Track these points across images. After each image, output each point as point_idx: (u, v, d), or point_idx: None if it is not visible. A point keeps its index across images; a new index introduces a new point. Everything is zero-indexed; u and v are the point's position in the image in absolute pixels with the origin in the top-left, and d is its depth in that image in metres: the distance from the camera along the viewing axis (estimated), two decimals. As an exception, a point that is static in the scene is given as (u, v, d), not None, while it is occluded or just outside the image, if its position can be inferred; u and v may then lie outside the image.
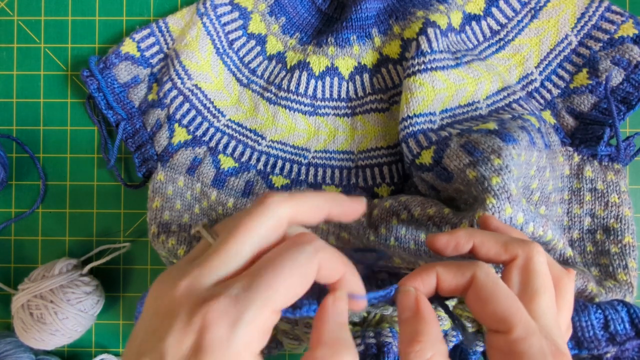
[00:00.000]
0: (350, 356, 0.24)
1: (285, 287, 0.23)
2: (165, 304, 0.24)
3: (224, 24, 0.52)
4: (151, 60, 0.52)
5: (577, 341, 0.36)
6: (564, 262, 0.42)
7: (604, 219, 0.48)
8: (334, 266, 0.26)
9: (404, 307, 0.27)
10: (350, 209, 0.29)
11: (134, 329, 0.25)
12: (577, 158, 0.49)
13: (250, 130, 0.52)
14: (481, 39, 0.52)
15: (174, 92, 0.51)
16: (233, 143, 0.52)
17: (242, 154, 0.51)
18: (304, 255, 0.24)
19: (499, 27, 0.52)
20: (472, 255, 0.30)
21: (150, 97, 0.52)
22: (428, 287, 0.28)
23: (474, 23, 0.52)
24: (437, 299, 0.29)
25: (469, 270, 0.27)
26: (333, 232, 0.43)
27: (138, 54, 0.51)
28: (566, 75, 0.50)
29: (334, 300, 0.26)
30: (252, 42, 0.53)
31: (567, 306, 0.30)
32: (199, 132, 0.51)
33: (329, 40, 0.51)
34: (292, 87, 0.52)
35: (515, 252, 0.28)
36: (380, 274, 0.35)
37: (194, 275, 0.24)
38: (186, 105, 0.51)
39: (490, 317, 0.26)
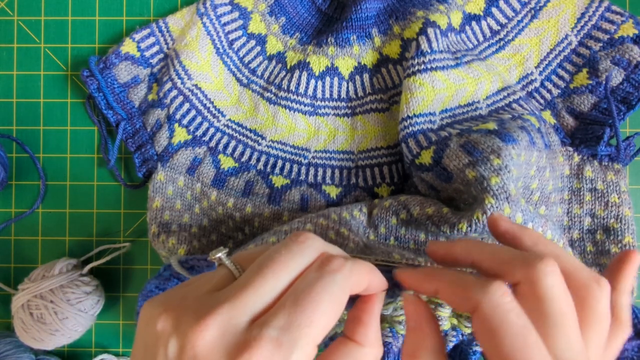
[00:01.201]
0: (381, 354, 0.25)
1: (324, 321, 0.22)
2: (192, 344, 0.21)
3: (224, 24, 0.52)
4: (151, 60, 0.52)
5: None
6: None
7: (604, 219, 0.48)
8: (362, 283, 0.25)
9: (408, 316, 0.27)
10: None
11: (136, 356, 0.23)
12: (577, 158, 0.49)
13: (250, 130, 0.52)
14: (481, 39, 0.52)
15: (174, 92, 0.51)
16: (233, 143, 0.52)
17: (242, 154, 0.51)
18: (337, 286, 0.23)
19: (499, 27, 0.52)
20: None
21: (150, 97, 0.52)
22: (425, 293, 0.27)
23: (474, 23, 0.52)
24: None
25: (474, 297, 0.23)
26: (332, 228, 0.43)
27: (138, 54, 0.51)
28: (566, 75, 0.50)
29: (377, 300, 0.26)
30: (252, 42, 0.53)
31: (598, 321, 0.24)
32: (199, 132, 0.51)
33: (329, 40, 0.51)
34: (292, 87, 0.52)
35: (517, 277, 0.24)
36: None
37: (225, 311, 0.22)
38: (186, 105, 0.51)
39: (492, 355, 0.23)
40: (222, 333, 0.21)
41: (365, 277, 0.25)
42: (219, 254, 0.26)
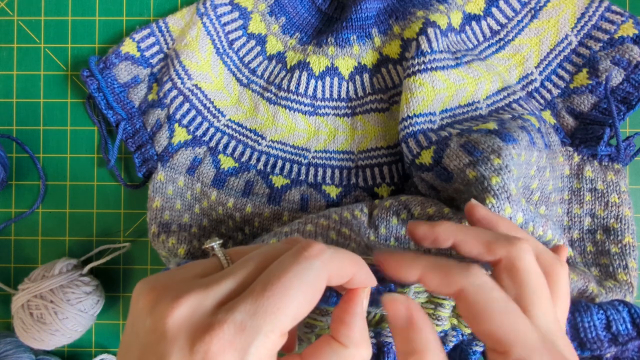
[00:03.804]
0: (369, 355, 0.24)
1: (294, 308, 0.22)
2: (163, 320, 0.22)
3: (224, 24, 0.52)
4: (151, 60, 0.52)
5: (579, 342, 0.36)
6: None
7: (604, 219, 0.48)
8: (343, 273, 0.24)
9: (396, 316, 0.25)
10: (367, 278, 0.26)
11: (125, 334, 0.24)
12: (577, 158, 0.49)
13: (250, 130, 0.52)
14: (481, 39, 0.52)
15: (174, 92, 0.51)
16: (233, 143, 0.52)
17: (242, 154, 0.51)
18: (312, 272, 0.22)
19: (499, 27, 0.52)
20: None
21: (150, 97, 0.52)
22: (407, 280, 0.26)
23: (474, 23, 0.52)
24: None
25: (456, 281, 0.24)
26: (334, 228, 0.43)
27: (138, 54, 0.51)
28: (566, 75, 0.50)
29: (362, 296, 0.25)
30: (252, 42, 0.53)
31: (563, 297, 0.28)
32: (199, 132, 0.51)
33: (329, 40, 0.51)
34: (292, 87, 0.52)
35: (499, 254, 0.26)
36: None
37: (198, 295, 0.22)
38: (186, 105, 0.51)
39: (484, 336, 0.24)
40: (192, 314, 0.22)
41: (348, 268, 0.25)
42: (212, 244, 0.26)
